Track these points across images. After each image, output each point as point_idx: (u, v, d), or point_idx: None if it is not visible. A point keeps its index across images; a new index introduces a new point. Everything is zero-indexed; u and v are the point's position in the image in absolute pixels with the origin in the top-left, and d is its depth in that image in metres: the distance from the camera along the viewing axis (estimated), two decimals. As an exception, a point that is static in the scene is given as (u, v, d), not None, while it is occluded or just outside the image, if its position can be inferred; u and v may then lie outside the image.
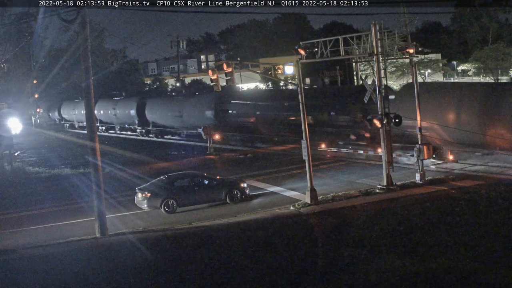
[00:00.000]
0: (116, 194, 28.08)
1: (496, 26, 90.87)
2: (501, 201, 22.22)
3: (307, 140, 24.83)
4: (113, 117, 64.96)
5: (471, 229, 18.99)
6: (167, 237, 20.87)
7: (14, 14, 28.11)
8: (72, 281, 16.88)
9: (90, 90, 21.85)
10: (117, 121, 65.21)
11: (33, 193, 30.99)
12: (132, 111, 60.18)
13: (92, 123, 22.36)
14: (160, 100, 60.91)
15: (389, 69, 61.69)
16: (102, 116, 68.10)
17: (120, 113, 63.09)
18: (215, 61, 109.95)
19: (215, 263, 17.48)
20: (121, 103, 64.37)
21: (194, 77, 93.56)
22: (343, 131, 36.49)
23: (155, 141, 55.12)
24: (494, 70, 73.30)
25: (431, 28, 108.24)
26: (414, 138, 28.33)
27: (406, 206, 22.73)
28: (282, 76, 78.08)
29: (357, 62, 44.31)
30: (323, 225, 21.54)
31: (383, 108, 25.57)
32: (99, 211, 21.57)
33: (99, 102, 68.90)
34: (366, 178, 28.77)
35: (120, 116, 63.52)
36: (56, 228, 23.37)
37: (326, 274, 16.07)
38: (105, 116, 67.75)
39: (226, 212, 24.17)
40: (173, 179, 25.88)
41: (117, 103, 65.16)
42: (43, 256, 19.47)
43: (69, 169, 37.83)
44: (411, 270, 15.65)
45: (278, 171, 32.68)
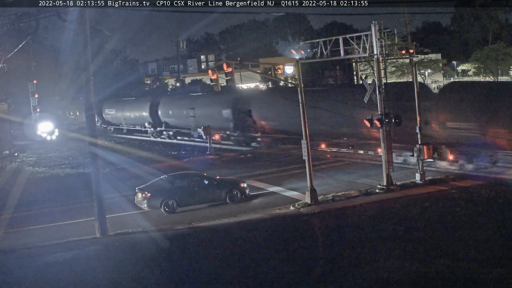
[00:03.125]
0: (116, 194, 28.07)
1: (496, 26, 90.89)
2: (501, 201, 22.22)
3: (307, 140, 24.84)
4: (121, 118, 63.40)
5: (471, 229, 18.98)
6: (167, 237, 20.86)
7: (14, 14, 28.12)
8: (72, 281, 16.89)
9: (90, 90, 21.83)
10: (125, 122, 63.39)
11: (33, 193, 30.97)
12: (144, 112, 58.05)
13: (92, 123, 22.36)
14: (174, 99, 58.30)
15: (389, 69, 61.70)
16: (110, 117, 67.12)
17: (131, 114, 61.10)
18: (215, 61, 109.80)
19: (215, 264, 17.48)
20: (131, 103, 62.36)
21: (194, 77, 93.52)
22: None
23: (155, 141, 55.08)
24: (494, 70, 73.33)
25: (431, 28, 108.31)
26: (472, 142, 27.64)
27: (406, 206, 22.74)
28: (282, 76, 78.09)
29: (357, 62, 44.39)
30: (323, 225, 21.54)
31: (383, 108, 25.59)
32: (99, 211, 21.56)
33: (105, 103, 67.65)
34: (366, 178, 28.78)
35: (130, 117, 61.59)
36: (56, 228, 23.37)
37: (326, 274, 16.06)
38: (112, 117, 66.53)
39: (226, 212, 24.17)
40: (173, 179, 25.88)
41: (126, 103, 63.46)
42: (39, 255, 19.48)
43: (69, 169, 37.85)
44: (411, 270, 15.64)
45: (278, 171, 32.69)
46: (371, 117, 25.85)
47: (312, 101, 31.24)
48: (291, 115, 33.09)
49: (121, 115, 64.79)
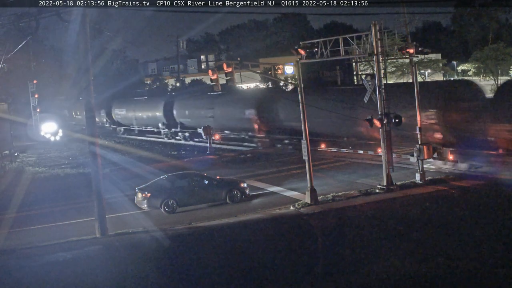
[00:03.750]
0: (116, 194, 28.06)
1: (496, 26, 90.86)
2: (501, 201, 22.23)
3: (307, 140, 24.85)
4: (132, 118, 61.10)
5: (471, 229, 18.99)
6: (167, 237, 20.86)
7: (14, 14, 28.11)
8: (72, 281, 16.90)
9: (91, 90, 21.84)
10: (137, 122, 60.99)
11: (33, 193, 30.97)
12: (157, 112, 55.33)
13: (92, 123, 22.36)
14: (190, 99, 54.62)
15: (389, 69, 61.67)
16: (119, 117, 65.13)
17: (143, 114, 58.73)
18: (215, 61, 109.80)
19: (215, 264, 17.48)
20: (143, 103, 60.03)
21: (194, 77, 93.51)
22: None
23: (155, 141, 55.01)
24: (494, 70, 73.30)
25: (431, 28, 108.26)
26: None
27: (406, 206, 22.74)
28: (282, 76, 78.09)
29: (357, 62, 44.21)
30: (323, 225, 21.55)
31: (383, 108, 25.60)
32: (99, 211, 21.57)
33: (115, 102, 65.73)
34: (366, 178, 28.77)
35: (142, 117, 59.26)
36: (56, 228, 23.37)
37: (326, 274, 16.07)
38: (123, 118, 64.47)
39: (226, 212, 24.16)
40: (173, 179, 25.88)
41: (137, 103, 61.19)
42: (39, 255, 19.49)
43: (69, 169, 37.84)
44: (411, 270, 15.65)
45: (278, 171, 32.69)
46: (371, 117, 25.86)
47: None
48: (328, 116, 31.95)
49: (132, 115, 61.95)
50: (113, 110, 66.53)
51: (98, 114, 66.93)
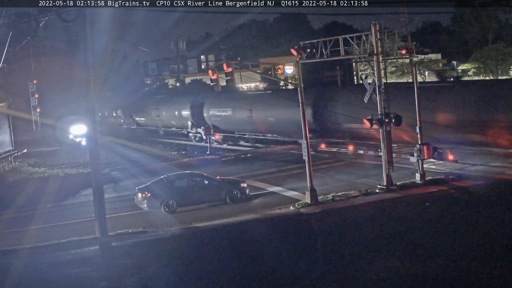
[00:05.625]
0: (116, 194, 28.09)
1: (496, 26, 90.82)
2: (501, 201, 22.23)
3: (307, 140, 24.86)
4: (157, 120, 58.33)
5: (471, 229, 19.00)
6: (167, 237, 20.88)
7: (14, 14, 28.03)
8: (71, 281, 16.90)
9: (90, 89, 21.84)
10: (162, 124, 58.25)
11: (33, 193, 30.92)
12: (184, 111, 52.59)
13: (93, 122, 22.38)
14: (224, 99, 50.30)
15: (389, 69, 61.66)
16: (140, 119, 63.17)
17: (167, 115, 55.99)
18: (215, 61, 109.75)
19: (215, 264, 17.48)
20: (168, 104, 57.27)
21: (194, 77, 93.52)
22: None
23: (155, 141, 55.00)
24: (494, 70, 73.30)
25: (431, 28, 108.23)
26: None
27: (406, 206, 22.75)
28: (282, 76, 78.10)
29: (357, 62, 44.31)
30: (323, 225, 21.56)
31: (383, 108, 25.59)
32: (99, 211, 21.57)
33: (132, 102, 63.64)
34: (366, 178, 28.77)
35: (166, 119, 56.66)
36: (56, 228, 23.38)
37: (326, 274, 16.07)
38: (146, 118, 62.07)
39: (226, 212, 24.17)
40: (173, 179, 25.88)
41: (160, 103, 58.91)
42: (39, 255, 19.49)
43: (69, 169, 37.79)
44: (411, 270, 15.65)
45: (278, 171, 32.69)
46: (371, 117, 25.85)
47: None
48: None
49: (157, 117, 59.12)
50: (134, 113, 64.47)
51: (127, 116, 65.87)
